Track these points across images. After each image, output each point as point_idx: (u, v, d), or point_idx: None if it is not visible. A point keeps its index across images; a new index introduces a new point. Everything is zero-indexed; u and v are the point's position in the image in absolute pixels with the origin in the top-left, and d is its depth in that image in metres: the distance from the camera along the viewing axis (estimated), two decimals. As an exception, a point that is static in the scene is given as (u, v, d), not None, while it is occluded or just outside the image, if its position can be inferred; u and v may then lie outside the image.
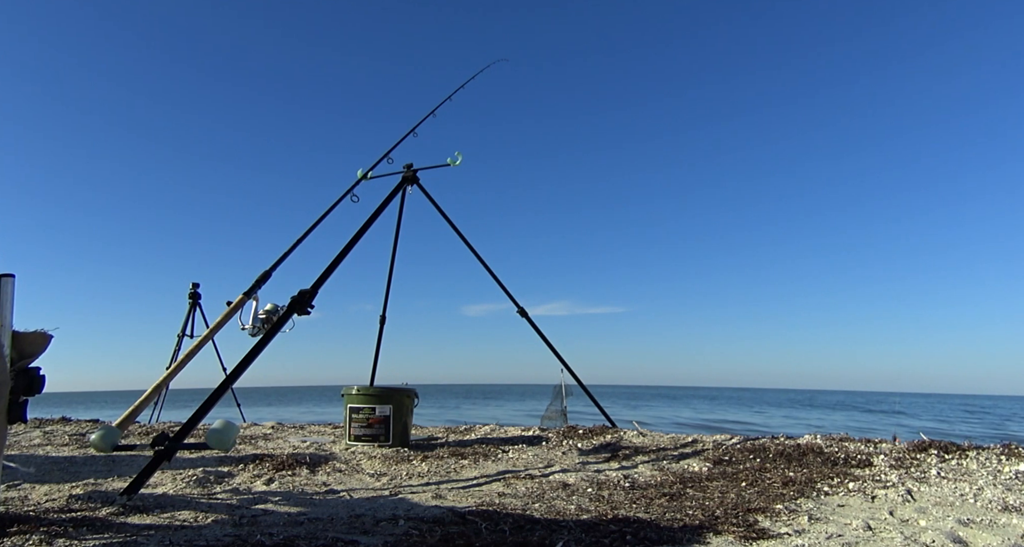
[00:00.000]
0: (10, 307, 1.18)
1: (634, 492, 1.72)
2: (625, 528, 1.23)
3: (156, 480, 1.89)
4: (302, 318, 2.13)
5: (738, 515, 1.38)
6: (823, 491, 1.63)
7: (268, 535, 1.17)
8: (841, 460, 2.00)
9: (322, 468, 2.17)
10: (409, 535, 1.19)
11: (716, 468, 2.06)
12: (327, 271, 2.19)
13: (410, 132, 3.14)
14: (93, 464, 2.22)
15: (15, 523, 1.24)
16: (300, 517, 1.41)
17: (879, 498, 1.53)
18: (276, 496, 1.74)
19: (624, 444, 2.64)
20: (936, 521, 1.30)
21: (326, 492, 1.81)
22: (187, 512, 1.45)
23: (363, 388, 2.85)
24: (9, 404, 1.18)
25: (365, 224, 2.44)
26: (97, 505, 1.49)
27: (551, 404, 4.48)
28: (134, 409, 2.34)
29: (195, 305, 5.86)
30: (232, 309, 2.47)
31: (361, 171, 2.99)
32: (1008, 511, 1.37)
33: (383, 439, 2.72)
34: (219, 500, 1.67)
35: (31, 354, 1.24)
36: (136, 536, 1.19)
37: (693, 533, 1.24)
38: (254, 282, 2.49)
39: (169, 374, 2.52)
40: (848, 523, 1.29)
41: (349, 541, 1.14)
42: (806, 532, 1.23)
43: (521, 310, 3.38)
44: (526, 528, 1.26)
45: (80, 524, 1.28)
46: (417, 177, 3.15)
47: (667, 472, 2.01)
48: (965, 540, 1.17)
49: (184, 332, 5.76)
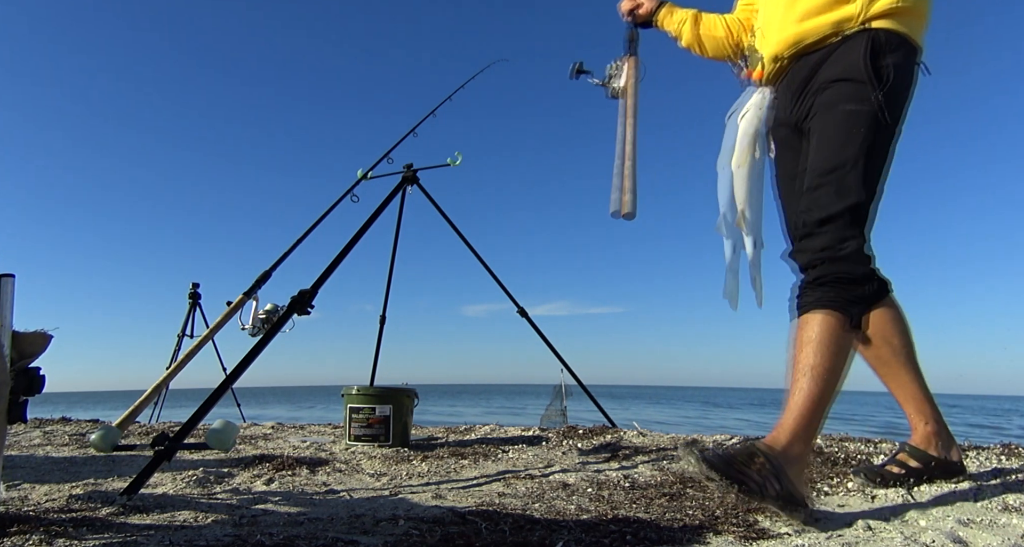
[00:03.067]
0: (10, 307, 1.18)
1: (634, 492, 1.72)
2: (625, 528, 1.23)
3: (156, 480, 1.90)
4: (302, 318, 2.13)
5: (738, 515, 1.38)
6: (823, 491, 1.63)
7: (268, 535, 1.17)
8: (841, 460, 2.00)
9: (322, 468, 2.17)
10: (409, 535, 1.19)
11: (716, 468, 2.05)
12: (327, 271, 2.19)
13: (410, 132, 3.14)
14: (93, 464, 2.22)
15: (15, 523, 1.24)
16: (300, 517, 1.41)
17: (879, 498, 1.53)
18: (276, 496, 1.74)
19: (624, 444, 2.64)
20: (936, 521, 1.30)
21: (326, 492, 1.81)
22: (187, 512, 1.45)
23: (363, 388, 2.85)
24: (9, 404, 1.18)
25: (365, 224, 2.44)
26: (97, 505, 1.49)
27: (551, 404, 4.48)
28: (134, 409, 2.35)
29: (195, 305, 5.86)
30: (232, 309, 2.47)
31: (361, 171, 3.00)
32: (1008, 511, 1.37)
33: (383, 439, 2.72)
34: (219, 500, 1.67)
35: (31, 354, 1.24)
36: (136, 536, 1.19)
37: (693, 533, 1.24)
38: (254, 282, 2.50)
39: (169, 374, 2.52)
40: (848, 523, 1.29)
41: (349, 541, 1.14)
42: (806, 532, 1.23)
43: (521, 310, 3.38)
44: (526, 528, 1.26)
45: (80, 524, 1.28)
46: (417, 177, 3.15)
47: (667, 472, 2.01)
48: (965, 540, 1.17)
49: (184, 332, 5.77)
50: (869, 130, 1.45)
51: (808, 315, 1.42)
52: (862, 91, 1.47)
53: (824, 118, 1.52)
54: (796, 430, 1.34)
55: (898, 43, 1.50)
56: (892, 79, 1.47)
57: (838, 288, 1.41)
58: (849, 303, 1.40)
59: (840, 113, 1.48)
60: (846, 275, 1.41)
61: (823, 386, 1.35)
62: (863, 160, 1.44)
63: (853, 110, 1.47)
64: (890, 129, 1.49)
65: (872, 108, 1.45)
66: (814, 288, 1.44)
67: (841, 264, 1.41)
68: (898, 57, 1.49)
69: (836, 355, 1.37)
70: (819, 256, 1.44)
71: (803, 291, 1.47)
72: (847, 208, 1.43)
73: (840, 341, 1.38)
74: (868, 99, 1.46)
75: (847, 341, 1.40)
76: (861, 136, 1.45)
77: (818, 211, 1.45)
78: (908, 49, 1.52)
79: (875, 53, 1.48)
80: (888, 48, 1.48)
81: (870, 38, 1.49)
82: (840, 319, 1.39)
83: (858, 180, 1.44)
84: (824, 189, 1.46)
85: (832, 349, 1.37)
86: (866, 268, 1.43)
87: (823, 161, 1.49)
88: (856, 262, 1.42)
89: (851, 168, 1.45)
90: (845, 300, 1.40)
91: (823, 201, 1.45)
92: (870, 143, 1.46)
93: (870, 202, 1.47)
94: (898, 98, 1.50)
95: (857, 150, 1.45)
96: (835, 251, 1.42)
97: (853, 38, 1.51)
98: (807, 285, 1.46)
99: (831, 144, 1.49)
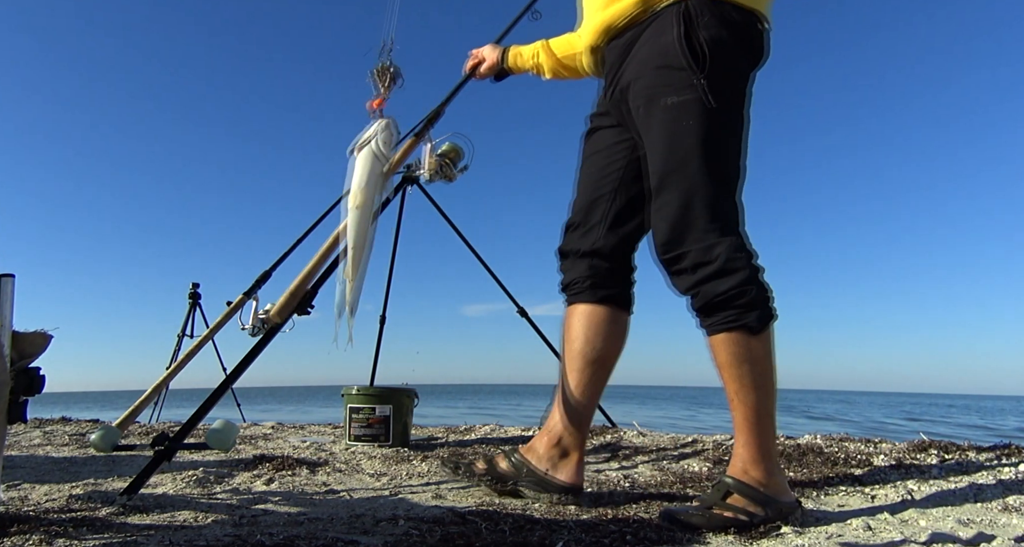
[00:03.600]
0: (10, 307, 1.18)
1: (634, 492, 1.72)
2: (625, 528, 1.23)
3: (156, 480, 1.89)
4: (302, 318, 2.13)
5: (738, 515, 1.38)
6: (823, 491, 1.63)
7: (268, 535, 1.17)
8: (841, 460, 2.00)
9: (322, 468, 2.17)
10: (409, 535, 1.19)
11: (716, 468, 2.05)
12: (327, 271, 2.19)
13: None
14: (93, 464, 2.22)
15: (15, 523, 1.24)
16: (300, 517, 1.41)
17: (879, 498, 1.53)
18: (276, 496, 1.74)
19: (624, 444, 2.64)
20: (936, 521, 1.30)
21: (326, 492, 1.81)
22: (187, 512, 1.45)
23: (363, 388, 2.85)
24: (9, 404, 1.18)
25: (365, 224, 2.44)
26: (97, 505, 1.49)
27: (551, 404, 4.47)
28: (134, 409, 2.35)
29: (195, 305, 5.86)
30: (232, 309, 2.47)
31: (361, 171, 2.99)
32: (1008, 511, 1.37)
33: (383, 439, 2.72)
34: (219, 500, 1.67)
35: (31, 354, 1.24)
36: (136, 536, 1.19)
37: (693, 533, 1.24)
38: (254, 282, 2.50)
39: (169, 374, 2.52)
40: (848, 523, 1.29)
41: (349, 541, 1.14)
42: (806, 532, 1.23)
43: (521, 310, 3.38)
44: (526, 528, 1.25)
45: (80, 524, 1.28)
46: (417, 177, 3.15)
47: (667, 472, 2.01)
48: (965, 540, 1.16)
49: (184, 332, 5.77)
50: (698, 120, 1.33)
51: (711, 340, 1.34)
52: (683, 78, 1.33)
53: (649, 115, 1.40)
54: (747, 455, 1.32)
55: (714, 11, 1.35)
56: (713, 55, 1.33)
57: (726, 308, 1.31)
58: (742, 315, 1.30)
59: (663, 108, 1.36)
60: (725, 292, 1.30)
61: (753, 406, 1.30)
62: (700, 154, 1.33)
63: (675, 102, 1.34)
64: (727, 110, 1.36)
65: (697, 94, 1.32)
66: (703, 314, 1.36)
67: (718, 282, 1.31)
68: (716, 28, 1.34)
69: (751, 373, 1.30)
70: (693, 280, 1.34)
71: (696, 316, 1.38)
72: (700, 214, 1.32)
73: (747, 357, 1.30)
74: (690, 85, 1.32)
75: (755, 352, 1.30)
76: (691, 129, 1.33)
77: (669, 229, 1.36)
78: (728, 13, 1.36)
79: (688, 30, 1.34)
80: (702, 20, 1.34)
81: (680, 13, 1.35)
82: (738, 336, 1.30)
83: (702, 178, 1.32)
84: (666, 196, 1.36)
85: (743, 369, 1.30)
86: (744, 273, 1.31)
87: (659, 163, 1.38)
88: (731, 271, 1.30)
89: (690, 168, 1.33)
90: (737, 314, 1.30)
91: (672, 213, 1.35)
92: (704, 134, 1.33)
93: (726, 195, 1.36)
94: (729, 73, 1.36)
95: (691, 146, 1.33)
96: (707, 269, 1.31)
97: (663, 14, 1.38)
98: (696, 311, 1.38)
99: (662, 144, 1.38)
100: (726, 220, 1.34)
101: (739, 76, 1.40)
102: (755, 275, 1.33)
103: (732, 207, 1.36)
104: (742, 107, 1.41)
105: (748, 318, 1.30)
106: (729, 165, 1.37)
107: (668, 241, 1.37)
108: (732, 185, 1.37)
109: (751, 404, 1.30)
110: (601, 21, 1.49)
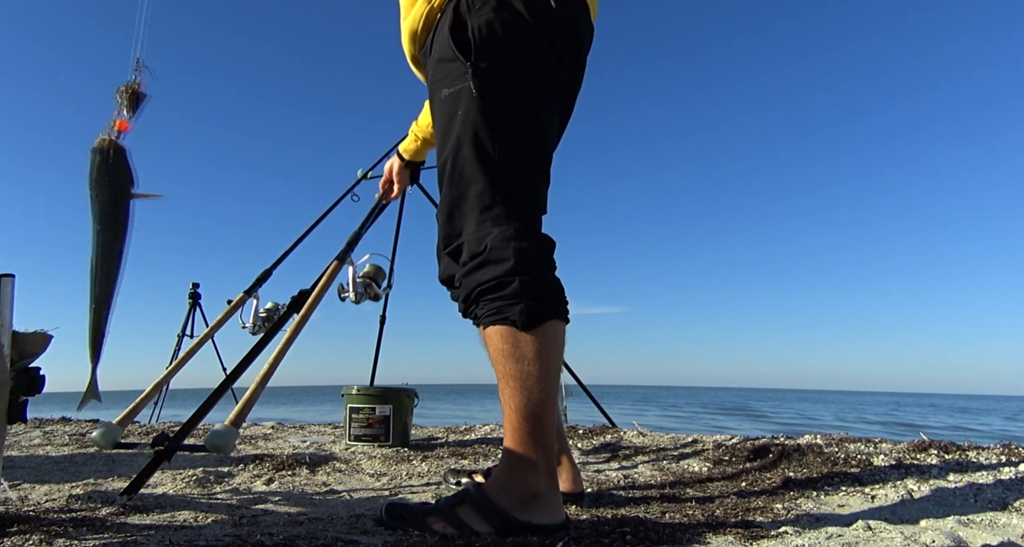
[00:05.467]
0: (10, 307, 1.18)
1: (634, 492, 1.72)
2: (625, 528, 1.22)
3: (156, 480, 1.90)
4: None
5: (738, 515, 1.38)
6: (823, 491, 1.63)
7: (268, 535, 1.17)
8: (841, 460, 2.00)
9: (322, 468, 2.17)
10: (409, 535, 1.19)
11: (716, 468, 2.06)
12: (327, 271, 2.19)
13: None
14: (93, 464, 2.22)
15: (15, 523, 1.24)
16: (300, 517, 1.41)
17: (879, 498, 1.53)
18: (276, 496, 1.74)
19: (624, 444, 2.64)
20: (936, 521, 1.30)
21: (326, 492, 1.81)
22: (187, 512, 1.45)
23: (363, 388, 2.85)
24: (9, 404, 1.18)
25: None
26: (97, 505, 1.49)
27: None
28: (134, 406, 2.34)
29: (195, 305, 5.86)
30: (232, 308, 2.47)
31: (361, 171, 2.99)
32: (1008, 511, 1.37)
33: (383, 439, 2.72)
34: (219, 500, 1.67)
35: (31, 354, 1.24)
36: (136, 536, 1.19)
37: (693, 533, 1.24)
38: (255, 280, 2.49)
39: (169, 372, 2.52)
40: (848, 523, 1.29)
41: (349, 541, 1.13)
42: (806, 532, 1.23)
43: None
44: (526, 528, 1.25)
45: (80, 524, 1.28)
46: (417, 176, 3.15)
47: (667, 472, 2.01)
48: (965, 540, 1.16)
49: (184, 332, 5.77)
50: (468, 109, 1.29)
51: (481, 334, 1.27)
52: (454, 69, 1.31)
53: (432, 109, 1.40)
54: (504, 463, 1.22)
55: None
56: (484, 43, 1.28)
57: (485, 299, 1.24)
58: (504, 308, 1.21)
59: (439, 100, 1.35)
60: (485, 283, 1.23)
61: (518, 408, 1.19)
62: (472, 144, 1.28)
63: (448, 93, 1.33)
64: (505, 98, 1.31)
65: (467, 84, 1.29)
66: (465, 305, 1.29)
67: (481, 273, 1.24)
68: (489, 14, 1.29)
69: (519, 373, 1.19)
70: (461, 271, 1.29)
71: (460, 308, 1.33)
72: (473, 205, 1.28)
73: (513, 354, 1.19)
74: (464, 75, 1.29)
75: (524, 350, 1.19)
76: (462, 119, 1.30)
77: (447, 222, 1.33)
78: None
79: (459, 19, 1.31)
80: (474, 8, 1.30)
81: (454, 6, 1.33)
82: (505, 331, 1.20)
83: (475, 168, 1.28)
84: (444, 188, 1.34)
85: (508, 367, 1.20)
86: (508, 263, 1.22)
87: (438, 156, 1.36)
88: (494, 261, 1.23)
89: (461, 158, 1.30)
90: (499, 307, 1.21)
91: (448, 205, 1.32)
92: (477, 123, 1.29)
93: (505, 184, 1.29)
94: (506, 59, 1.30)
95: (462, 135, 1.30)
96: (475, 261, 1.25)
97: (444, 10, 1.36)
98: (460, 302, 1.32)
99: (440, 136, 1.36)
100: (502, 211, 1.27)
101: (522, 61, 1.32)
102: (525, 267, 1.22)
103: (512, 197, 1.29)
104: (532, 92, 1.33)
105: (511, 312, 1.20)
106: (508, 153, 1.30)
107: (447, 234, 1.33)
108: (513, 174, 1.30)
109: (516, 406, 1.19)
110: (404, 31, 1.48)
